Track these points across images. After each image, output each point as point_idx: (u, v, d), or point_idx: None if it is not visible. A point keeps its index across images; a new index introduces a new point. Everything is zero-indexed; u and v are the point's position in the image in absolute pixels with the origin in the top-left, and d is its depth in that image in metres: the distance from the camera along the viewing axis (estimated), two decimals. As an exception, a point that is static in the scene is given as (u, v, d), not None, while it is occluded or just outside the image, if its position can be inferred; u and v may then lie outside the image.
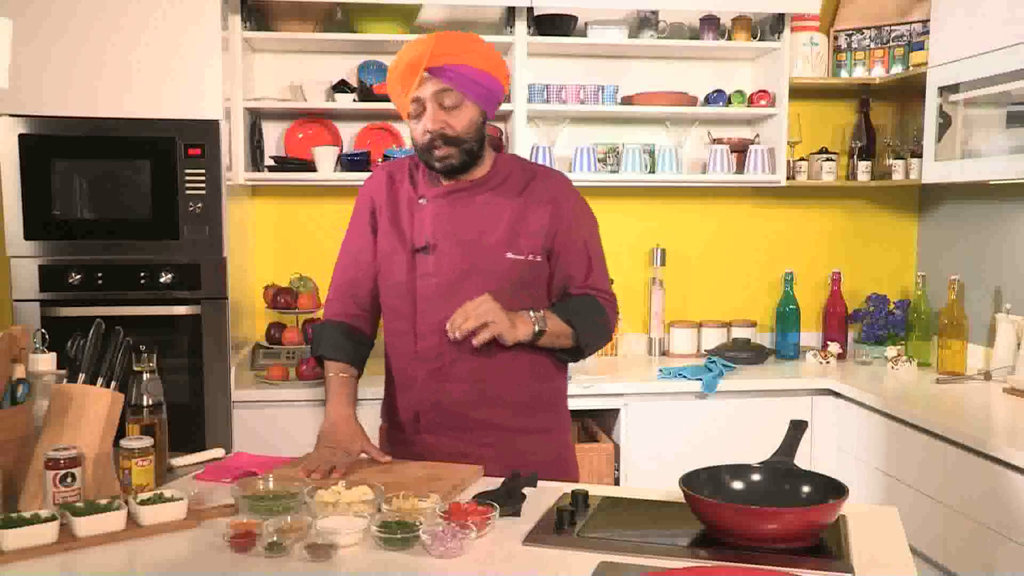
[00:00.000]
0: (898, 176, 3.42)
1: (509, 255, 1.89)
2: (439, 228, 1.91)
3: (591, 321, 1.93)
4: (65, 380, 1.70)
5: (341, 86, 3.28)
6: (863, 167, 3.50)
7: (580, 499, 1.59)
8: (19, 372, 1.67)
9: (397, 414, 1.99)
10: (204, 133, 2.83)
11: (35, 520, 1.41)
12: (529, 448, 1.94)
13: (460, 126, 1.84)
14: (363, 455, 1.86)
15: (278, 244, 3.47)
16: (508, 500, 1.58)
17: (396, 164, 2.05)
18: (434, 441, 1.93)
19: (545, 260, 1.93)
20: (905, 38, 3.43)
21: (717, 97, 3.43)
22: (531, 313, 1.85)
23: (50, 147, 2.78)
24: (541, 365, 1.95)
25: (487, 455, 1.88)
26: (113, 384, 1.67)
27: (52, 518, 1.42)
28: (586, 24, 3.36)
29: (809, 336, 3.66)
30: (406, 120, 1.90)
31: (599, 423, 3.20)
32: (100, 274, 2.81)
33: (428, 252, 1.90)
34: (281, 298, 3.12)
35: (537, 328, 1.84)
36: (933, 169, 3.09)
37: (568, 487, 1.67)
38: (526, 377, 1.94)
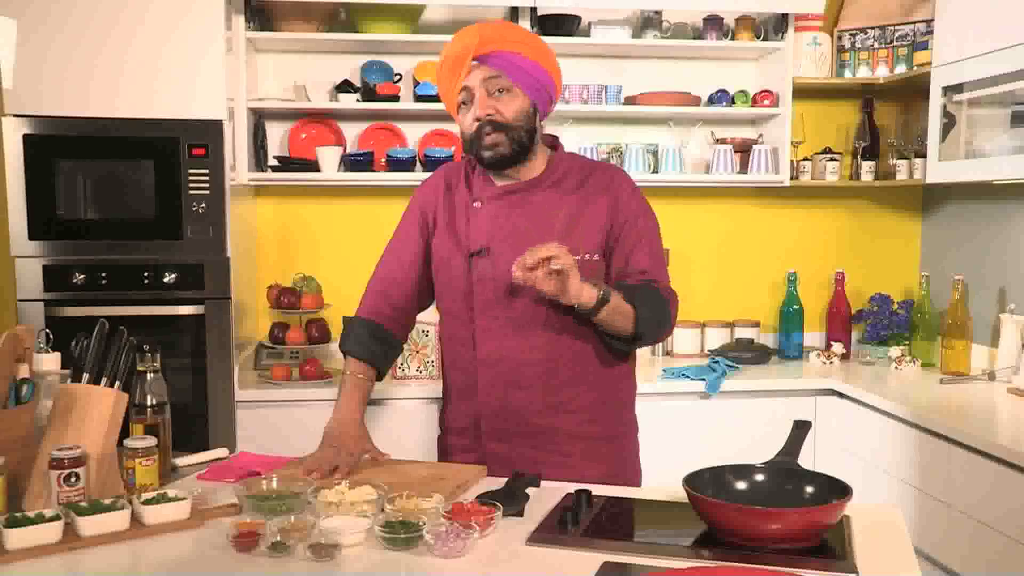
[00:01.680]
0: (902, 176, 3.41)
1: None
2: (495, 230, 1.87)
3: (653, 308, 1.82)
4: (69, 380, 1.70)
5: (344, 86, 3.28)
6: (867, 167, 3.50)
7: (583, 499, 1.59)
8: (23, 372, 1.67)
9: (456, 421, 1.97)
10: (208, 133, 2.83)
11: (39, 519, 1.42)
12: (597, 454, 1.90)
13: (509, 113, 1.81)
14: (365, 455, 1.85)
15: (281, 244, 3.47)
16: (511, 500, 1.57)
17: (452, 168, 2.01)
18: (498, 448, 1.90)
19: (602, 259, 1.87)
20: (909, 38, 3.43)
21: (720, 97, 3.43)
22: (597, 280, 1.77)
23: (54, 147, 2.78)
24: (607, 369, 1.91)
25: (555, 461, 1.86)
26: (117, 384, 1.68)
27: (56, 517, 1.43)
28: (589, 24, 3.36)
29: (813, 336, 3.66)
30: (455, 117, 1.88)
31: (602, 423, 3.20)
32: (104, 274, 2.82)
33: (484, 255, 1.86)
34: (284, 298, 3.12)
35: (601, 295, 1.73)
36: (937, 169, 3.09)
37: (572, 487, 1.67)
38: (594, 382, 1.90)
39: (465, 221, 1.91)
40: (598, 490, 1.68)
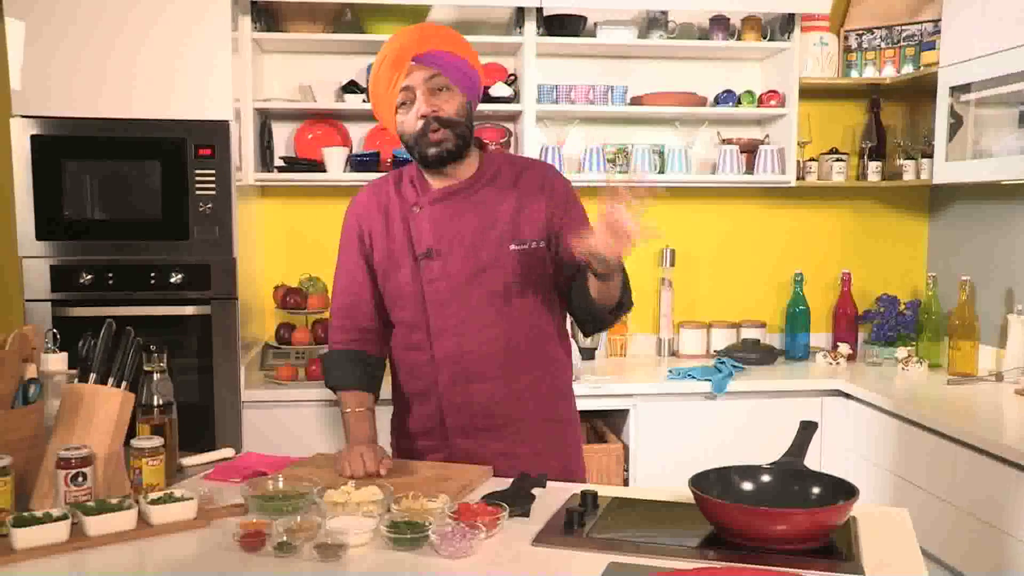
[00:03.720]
0: (909, 176, 3.40)
1: (512, 247, 1.89)
2: (440, 232, 1.91)
3: (626, 278, 1.87)
4: (76, 380, 1.71)
5: (350, 87, 3.28)
6: (873, 167, 3.49)
7: (589, 500, 1.59)
8: (31, 372, 1.68)
9: (419, 424, 1.98)
10: (214, 134, 2.84)
11: (47, 519, 1.42)
12: (556, 439, 1.96)
13: (451, 109, 1.86)
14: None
15: (288, 244, 3.48)
16: (517, 500, 1.58)
17: (377, 184, 2.04)
18: (464, 443, 1.93)
19: (546, 246, 1.92)
20: (916, 38, 3.42)
21: (727, 97, 3.43)
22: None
23: (61, 148, 2.79)
24: (555, 358, 1.97)
25: (520, 452, 1.90)
26: (124, 384, 1.68)
27: (63, 517, 1.43)
28: (595, 24, 3.36)
29: (819, 337, 3.65)
30: (388, 120, 1.91)
31: (608, 424, 3.20)
32: (111, 274, 2.82)
33: (433, 257, 1.90)
34: (290, 298, 3.13)
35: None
36: (944, 169, 3.08)
37: (578, 487, 1.67)
38: (549, 367, 1.95)
39: (404, 229, 1.94)
40: (605, 491, 1.67)
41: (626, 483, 3.01)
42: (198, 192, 2.84)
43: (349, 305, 1.99)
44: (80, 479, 1.54)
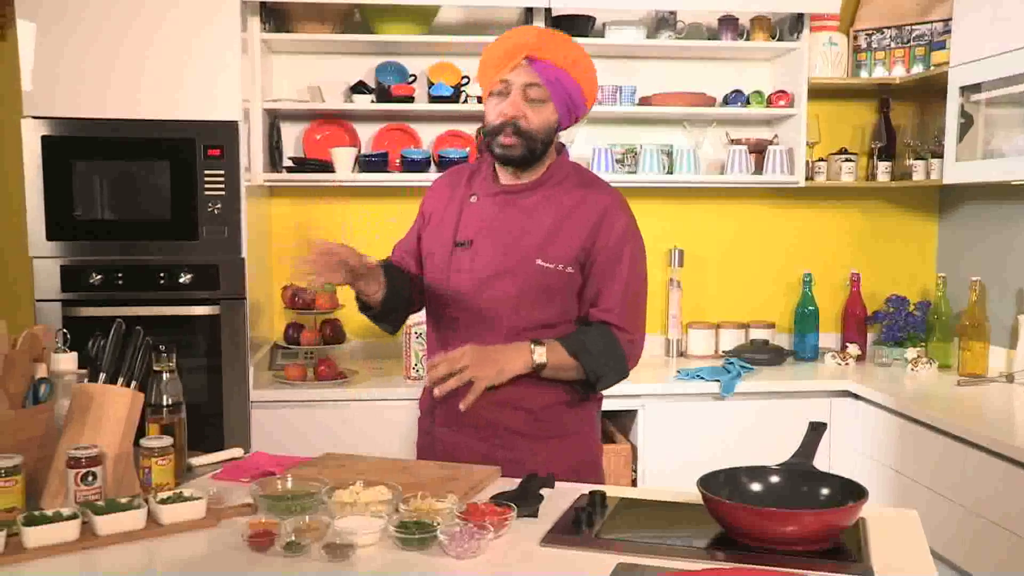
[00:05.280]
0: (918, 177, 3.39)
1: (539, 262, 1.86)
2: (483, 225, 1.92)
3: (603, 358, 1.86)
4: (86, 379, 1.71)
5: (359, 87, 3.29)
6: (883, 167, 3.48)
7: (597, 500, 1.59)
8: (41, 371, 1.69)
9: (422, 405, 2.05)
10: (223, 134, 2.84)
11: (57, 518, 1.43)
12: (544, 453, 1.90)
13: (536, 122, 1.84)
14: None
15: (296, 244, 3.48)
16: (525, 501, 1.57)
17: (458, 169, 2.08)
18: (447, 436, 1.95)
19: (578, 272, 1.88)
20: (926, 37, 3.41)
21: (735, 98, 3.42)
22: (532, 346, 1.82)
23: (72, 149, 2.80)
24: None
25: (500, 456, 1.88)
26: (133, 384, 1.68)
27: (73, 516, 1.44)
28: (604, 24, 3.36)
29: (828, 337, 3.64)
30: (484, 95, 1.91)
31: (616, 424, 3.20)
32: (120, 274, 2.83)
33: (466, 247, 1.91)
34: (299, 298, 3.13)
35: (537, 362, 1.82)
36: (954, 169, 3.07)
37: (586, 488, 1.67)
38: (547, 383, 1.89)
39: (458, 214, 1.95)
40: (613, 491, 1.67)
41: (634, 483, 3.01)
42: (207, 192, 2.85)
43: (398, 260, 2.06)
44: (90, 478, 1.54)
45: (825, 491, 1.55)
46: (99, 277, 2.82)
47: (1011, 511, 2.28)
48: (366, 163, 3.27)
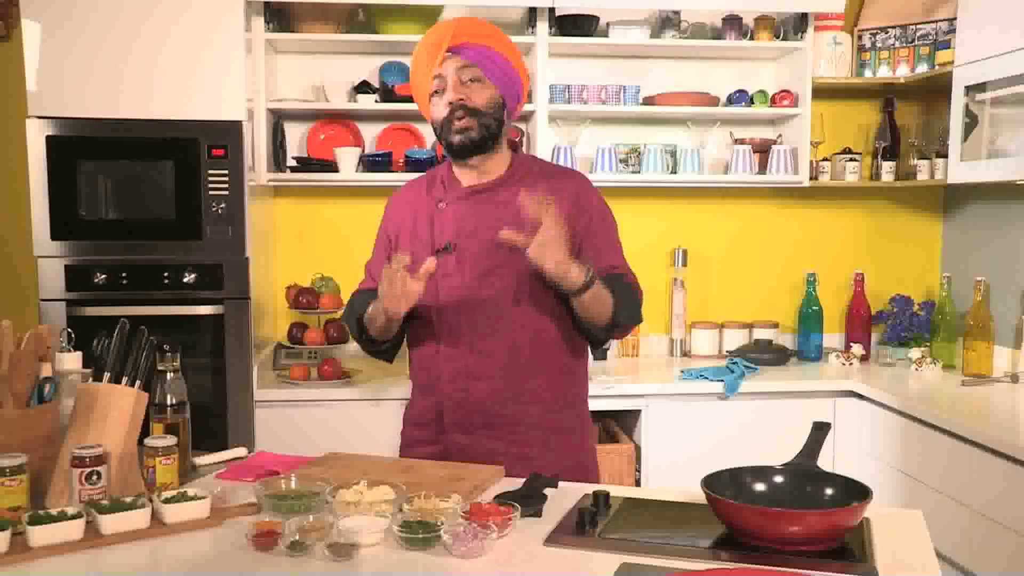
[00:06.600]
0: (923, 176, 3.38)
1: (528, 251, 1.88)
2: (461, 228, 1.92)
3: (628, 298, 1.89)
4: (91, 379, 1.71)
5: (363, 87, 3.29)
6: (887, 167, 3.47)
7: (601, 500, 1.59)
8: (46, 371, 1.69)
9: (419, 415, 2.01)
10: (227, 134, 2.85)
11: (61, 517, 1.43)
12: (557, 447, 1.94)
13: (480, 100, 1.88)
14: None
15: (300, 244, 3.49)
16: (529, 501, 1.57)
17: (412, 184, 2.09)
18: (461, 440, 1.94)
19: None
20: (931, 37, 3.40)
21: (739, 97, 3.42)
22: (583, 265, 1.78)
23: (76, 148, 2.81)
24: (565, 364, 1.96)
25: (515, 453, 1.89)
26: (137, 383, 1.69)
27: (78, 515, 1.44)
28: (608, 24, 3.35)
29: (832, 337, 3.63)
30: (425, 108, 1.93)
31: (620, 424, 3.19)
32: (124, 274, 2.84)
33: (450, 251, 1.91)
34: (303, 298, 3.14)
35: (587, 277, 1.75)
36: (959, 169, 3.06)
37: (590, 488, 1.67)
38: (555, 374, 1.94)
39: (428, 222, 1.96)
40: (617, 491, 1.67)
41: (638, 483, 3.01)
42: (211, 192, 2.85)
43: (371, 288, 2.02)
44: (94, 478, 1.54)
45: (829, 491, 1.54)
46: (103, 277, 2.83)
47: (1016, 512, 2.27)
48: (370, 163, 3.27)
